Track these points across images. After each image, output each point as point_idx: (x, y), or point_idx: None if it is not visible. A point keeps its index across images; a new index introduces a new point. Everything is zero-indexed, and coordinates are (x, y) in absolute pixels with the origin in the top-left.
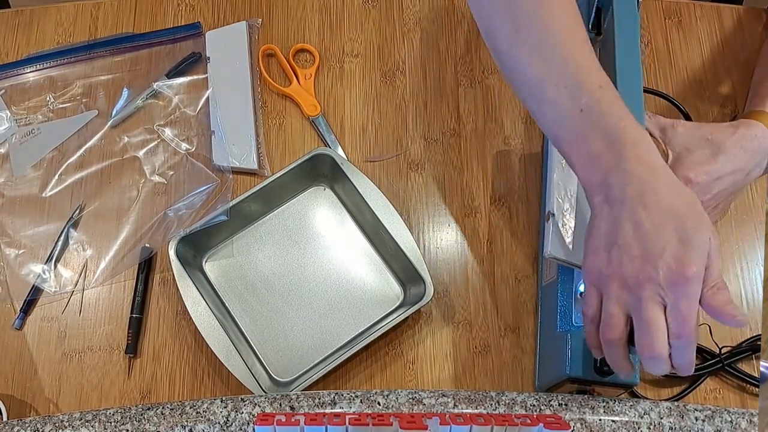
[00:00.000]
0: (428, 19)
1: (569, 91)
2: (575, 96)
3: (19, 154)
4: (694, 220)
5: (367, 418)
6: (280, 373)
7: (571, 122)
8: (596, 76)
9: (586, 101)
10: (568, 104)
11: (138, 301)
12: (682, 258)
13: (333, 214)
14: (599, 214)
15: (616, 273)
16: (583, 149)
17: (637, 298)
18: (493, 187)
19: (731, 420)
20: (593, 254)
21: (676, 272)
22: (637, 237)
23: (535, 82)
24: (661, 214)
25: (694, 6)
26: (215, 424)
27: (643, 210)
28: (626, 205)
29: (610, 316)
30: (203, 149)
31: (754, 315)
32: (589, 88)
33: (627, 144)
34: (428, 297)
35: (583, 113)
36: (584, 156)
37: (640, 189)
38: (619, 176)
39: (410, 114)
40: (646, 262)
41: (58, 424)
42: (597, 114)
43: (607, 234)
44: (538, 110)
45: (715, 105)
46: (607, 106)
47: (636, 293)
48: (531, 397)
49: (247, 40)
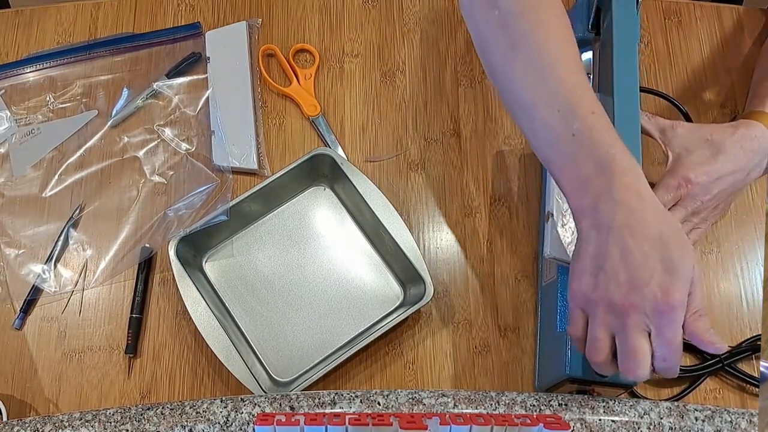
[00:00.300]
0: (428, 20)
1: (562, 114)
2: (568, 120)
3: (19, 154)
4: (680, 249)
5: (367, 418)
6: (280, 373)
7: (562, 146)
8: (589, 102)
9: (578, 126)
10: (560, 127)
11: (138, 301)
12: (667, 287)
13: (333, 214)
14: (586, 238)
15: (603, 298)
16: (573, 173)
17: (622, 324)
18: (493, 187)
19: (731, 420)
20: (579, 277)
21: (661, 301)
22: (624, 264)
23: (527, 103)
24: (648, 242)
25: (694, 6)
26: (215, 424)
27: (630, 238)
28: (614, 232)
29: (596, 340)
30: (203, 149)
31: (754, 315)
32: (581, 113)
33: (617, 172)
34: (428, 297)
35: (575, 138)
36: (574, 180)
37: (628, 217)
38: (609, 203)
39: (410, 114)
40: (632, 290)
41: (58, 424)
42: (588, 140)
43: (594, 258)
44: (530, 131)
45: (715, 105)
46: (598, 133)
47: (621, 319)
48: (531, 397)
49: (247, 40)
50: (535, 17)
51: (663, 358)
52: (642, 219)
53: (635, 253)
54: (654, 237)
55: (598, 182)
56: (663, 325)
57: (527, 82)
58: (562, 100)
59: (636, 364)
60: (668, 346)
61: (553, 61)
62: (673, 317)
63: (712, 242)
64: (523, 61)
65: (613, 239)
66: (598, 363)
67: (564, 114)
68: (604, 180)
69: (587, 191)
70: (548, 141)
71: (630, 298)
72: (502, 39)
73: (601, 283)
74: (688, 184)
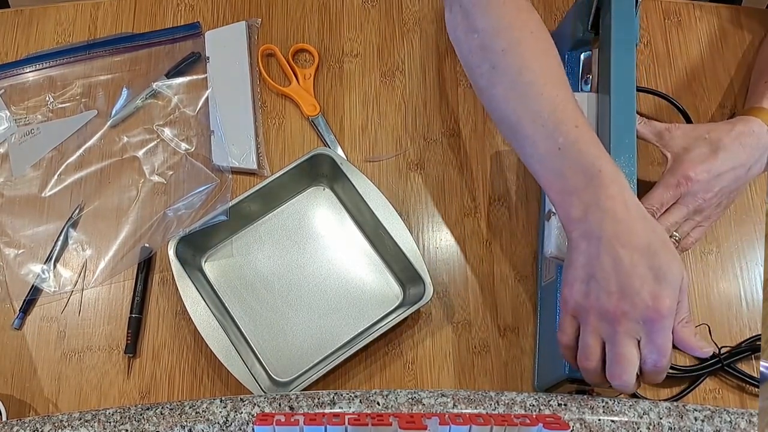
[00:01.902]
0: (428, 19)
1: (546, 130)
2: (552, 135)
3: (19, 154)
4: (668, 258)
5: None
6: (280, 373)
7: (549, 160)
8: (572, 116)
9: (563, 141)
10: (545, 143)
11: (137, 300)
12: (657, 295)
13: (332, 214)
14: (577, 248)
15: (594, 306)
16: (560, 186)
17: (613, 331)
18: (493, 187)
19: (730, 420)
20: (571, 285)
21: (652, 309)
22: (615, 272)
23: (513, 119)
24: (637, 251)
25: (694, 6)
26: (214, 424)
27: (620, 247)
28: (603, 242)
29: (587, 347)
30: (203, 149)
31: (753, 315)
32: (565, 128)
33: (604, 182)
34: (428, 297)
35: (561, 152)
36: (562, 193)
37: (616, 226)
38: (597, 213)
39: (409, 114)
40: (623, 298)
41: (58, 424)
42: (575, 153)
43: (585, 267)
44: (517, 146)
45: (715, 105)
46: (584, 146)
47: (613, 326)
48: (530, 397)
49: (247, 40)
50: (511, 35)
51: (654, 363)
52: (630, 228)
53: (625, 261)
54: (643, 246)
55: (585, 194)
56: (653, 331)
57: (510, 101)
58: (546, 116)
59: (622, 369)
60: (658, 353)
61: (534, 79)
62: (663, 324)
63: (712, 242)
64: (505, 80)
65: (603, 249)
66: (588, 369)
67: (548, 130)
68: (592, 192)
69: (575, 203)
70: (535, 156)
71: (621, 306)
72: (483, 60)
73: (592, 290)
74: (688, 181)
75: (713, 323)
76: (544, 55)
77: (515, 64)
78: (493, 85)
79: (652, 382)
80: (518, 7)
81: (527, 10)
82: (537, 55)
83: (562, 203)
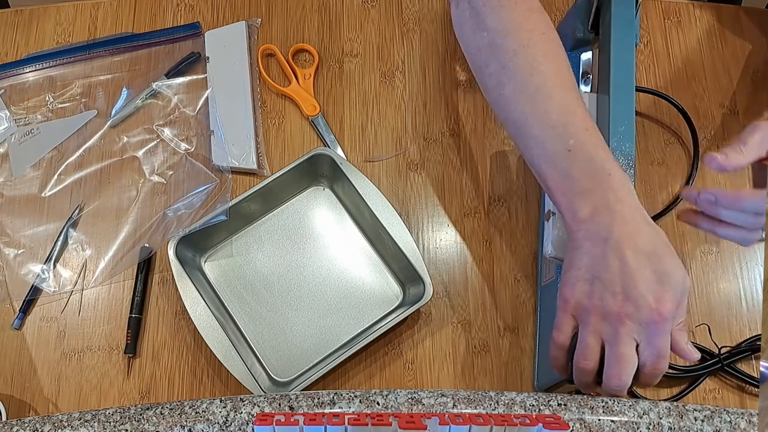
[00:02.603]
0: (428, 19)
1: (556, 131)
2: (563, 137)
3: (19, 154)
4: (672, 262)
5: (366, 418)
6: (280, 373)
7: (557, 162)
8: (581, 118)
9: (574, 143)
10: (554, 144)
11: (137, 300)
12: (660, 298)
13: (332, 214)
14: (580, 248)
15: (597, 306)
16: (568, 187)
17: (614, 331)
18: (493, 187)
19: (730, 420)
20: (573, 285)
21: (655, 311)
22: (621, 274)
23: (521, 121)
24: (643, 254)
25: (694, 6)
26: (214, 424)
27: (628, 249)
28: (611, 243)
29: (587, 346)
30: (202, 149)
31: (753, 315)
32: (574, 130)
33: (613, 186)
34: (427, 297)
35: (571, 153)
36: (569, 194)
37: (625, 229)
38: (606, 215)
39: (409, 114)
40: (627, 300)
41: (57, 424)
42: (585, 155)
43: (589, 268)
44: (524, 147)
45: (715, 105)
46: (594, 148)
47: (614, 327)
48: (530, 397)
49: (247, 40)
50: (521, 37)
51: (653, 365)
52: (637, 232)
53: (631, 264)
54: (648, 250)
55: (594, 196)
56: (654, 334)
57: (520, 102)
58: (556, 118)
59: (622, 369)
60: (659, 356)
61: (544, 80)
62: (664, 327)
63: (712, 242)
64: (514, 81)
65: (610, 250)
66: (584, 369)
67: (558, 132)
68: (601, 194)
69: (583, 204)
70: (543, 157)
71: (625, 307)
72: (492, 59)
73: (596, 291)
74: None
75: (713, 323)
76: (555, 57)
77: (526, 65)
78: (501, 84)
79: (648, 385)
80: (530, 7)
81: (538, 11)
82: (548, 56)
83: (568, 204)
